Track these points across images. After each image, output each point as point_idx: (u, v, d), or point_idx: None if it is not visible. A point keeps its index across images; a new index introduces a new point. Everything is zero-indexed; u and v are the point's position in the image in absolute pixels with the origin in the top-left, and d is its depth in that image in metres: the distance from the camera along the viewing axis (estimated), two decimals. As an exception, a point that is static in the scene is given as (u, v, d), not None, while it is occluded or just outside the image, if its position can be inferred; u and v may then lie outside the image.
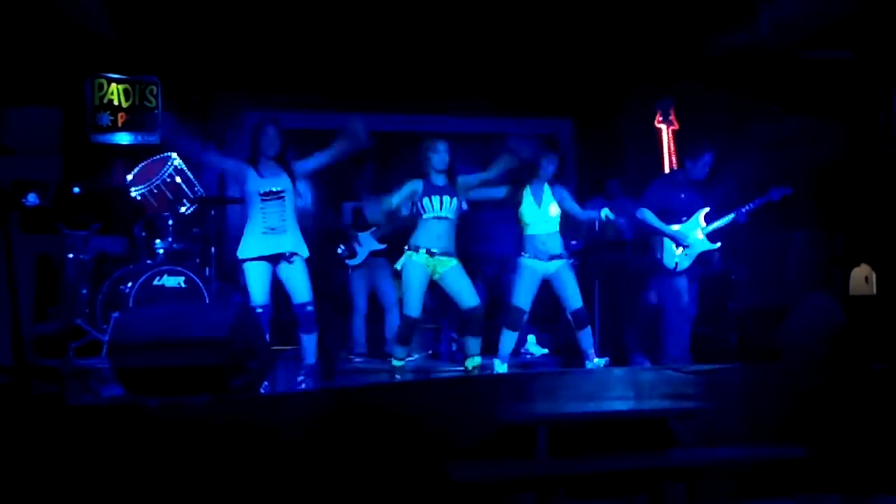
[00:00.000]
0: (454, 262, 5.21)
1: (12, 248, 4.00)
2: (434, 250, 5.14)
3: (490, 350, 5.42)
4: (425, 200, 5.17)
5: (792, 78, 7.17)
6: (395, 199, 5.21)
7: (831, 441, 4.40)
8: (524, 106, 7.96)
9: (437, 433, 4.13)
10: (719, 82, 7.38)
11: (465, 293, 5.17)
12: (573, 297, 5.34)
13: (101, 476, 3.50)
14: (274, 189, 5.00)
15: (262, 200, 5.01)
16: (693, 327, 5.65)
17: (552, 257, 5.35)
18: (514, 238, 6.13)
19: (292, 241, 5.05)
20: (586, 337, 5.36)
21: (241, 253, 5.03)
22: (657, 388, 4.61)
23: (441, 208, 5.17)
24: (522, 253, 5.38)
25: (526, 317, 5.41)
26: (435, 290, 5.45)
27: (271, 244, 5.00)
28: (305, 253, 5.10)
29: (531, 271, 5.34)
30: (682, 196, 5.67)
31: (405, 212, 5.40)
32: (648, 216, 5.63)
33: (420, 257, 5.13)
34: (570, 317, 5.37)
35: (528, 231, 5.39)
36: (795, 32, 6.81)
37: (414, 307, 5.13)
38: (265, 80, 7.42)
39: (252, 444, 3.77)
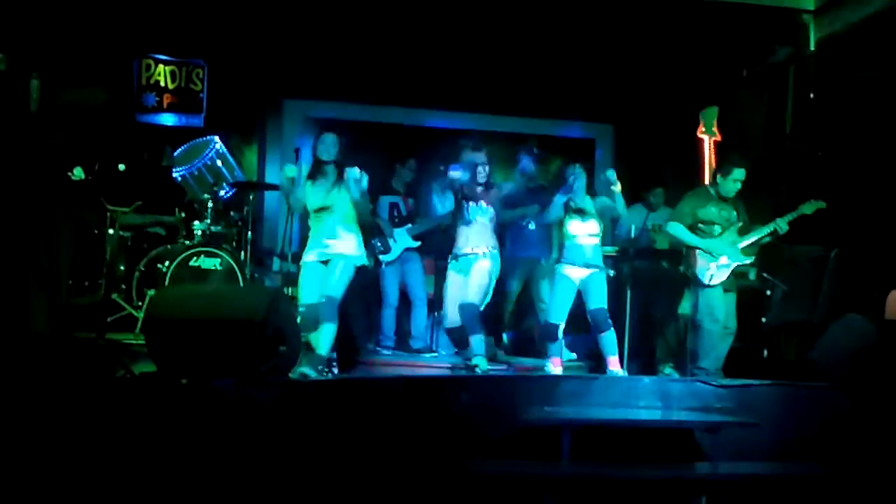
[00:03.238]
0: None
1: (55, 220, 4.08)
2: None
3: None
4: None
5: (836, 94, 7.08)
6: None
7: (857, 463, 4.35)
8: (564, 111, 7.98)
9: (462, 430, 4.14)
10: (762, 96, 7.33)
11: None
12: (595, 299, 5.35)
13: (126, 447, 3.56)
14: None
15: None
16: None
17: (589, 266, 5.38)
18: (545, 242, 6.15)
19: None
20: (603, 342, 5.33)
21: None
22: (685, 399, 4.58)
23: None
24: (561, 261, 5.42)
25: (562, 327, 5.46)
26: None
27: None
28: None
29: (568, 280, 5.37)
30: (715, 209, 5.67)
31: None
32: (679, 230, 5.63)
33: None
34: (588, 317, 5.39)
35: (566, 242, 5.44)
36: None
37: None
38: (308, 71, 7.47)
39: (275, 427, 3.81)
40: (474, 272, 5.36)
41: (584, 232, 5.43)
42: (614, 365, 5.28)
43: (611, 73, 7.67)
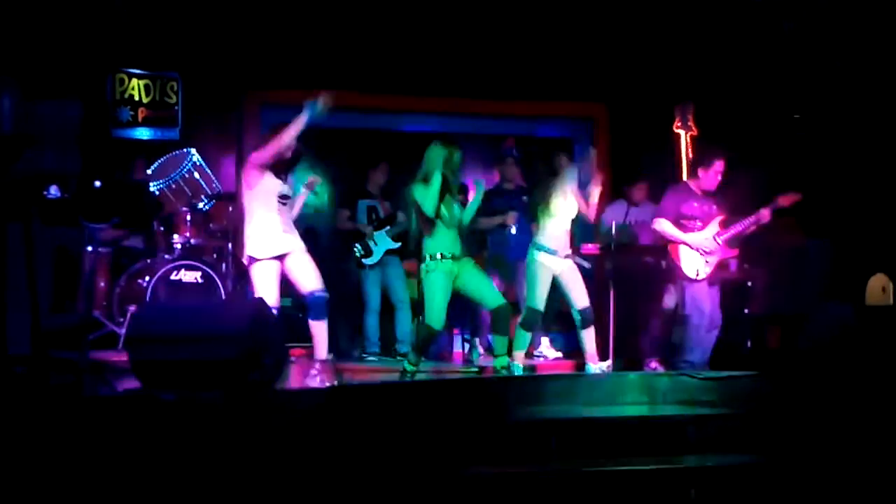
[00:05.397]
0: (471, 261, 5.21)
1: (33, 239, 4.03)
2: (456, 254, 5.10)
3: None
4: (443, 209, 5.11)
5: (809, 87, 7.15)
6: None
7: (844, 452, 4.37)
8: (540, 109, 7.99)
9: (449, 434, 4.14)
10: (739, 88, 7.37)
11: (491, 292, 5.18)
12: (581, 296, 5.37)
13: (115, 467, 3.53)
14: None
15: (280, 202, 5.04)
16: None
17: (566, 255, 5.40)
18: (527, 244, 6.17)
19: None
20: (590, 337, 5.38)
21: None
22: (672, 393, 4.60)
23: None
24: (536, 249, 5.38)
25: (541, 317, 5.43)
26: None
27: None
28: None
29: (545, 268, 5.34)
30: (696, 204, 5.73)
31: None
32: (666, 226, 5.67)
33: (444, 264, 5.06)
34: (576, 315, 5.40)
35: (548, 223, 5.39)
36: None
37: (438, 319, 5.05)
38: (285, 77, 7.44)
39: (265, 439, 3.79)
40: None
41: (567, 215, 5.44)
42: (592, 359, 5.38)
43: (588, 67, 7.69)
